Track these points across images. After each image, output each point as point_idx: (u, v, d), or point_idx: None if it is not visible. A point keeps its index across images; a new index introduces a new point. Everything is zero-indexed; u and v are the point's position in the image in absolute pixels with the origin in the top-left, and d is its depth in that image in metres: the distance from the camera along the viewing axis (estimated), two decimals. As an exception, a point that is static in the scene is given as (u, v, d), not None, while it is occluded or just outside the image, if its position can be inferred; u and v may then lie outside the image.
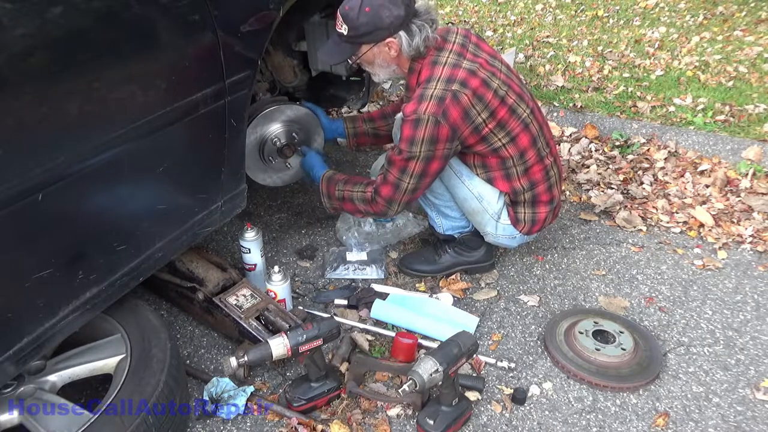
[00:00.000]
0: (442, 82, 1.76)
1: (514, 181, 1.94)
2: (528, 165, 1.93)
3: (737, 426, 1.63)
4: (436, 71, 1.78)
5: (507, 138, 1.86)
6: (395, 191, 1.88)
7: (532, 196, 1.98)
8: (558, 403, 1.70)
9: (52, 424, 1.35)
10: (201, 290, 1.86)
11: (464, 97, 1.74)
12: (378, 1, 1.71)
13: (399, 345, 1.80)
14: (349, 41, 1.80)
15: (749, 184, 2.66)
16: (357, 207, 1.98)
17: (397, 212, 1.95)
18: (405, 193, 1.87)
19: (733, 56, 3.91)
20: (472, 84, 1.76)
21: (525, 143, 1.89)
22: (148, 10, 1.36)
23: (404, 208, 1.96)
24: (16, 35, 1.11)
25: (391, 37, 1.76)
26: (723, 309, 2.04)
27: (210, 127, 1.63)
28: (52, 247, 1.29)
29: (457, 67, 1.78)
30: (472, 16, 5.18)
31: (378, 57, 1.84)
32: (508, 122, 1.84)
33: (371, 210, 1.96)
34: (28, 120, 1.16)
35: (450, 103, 1.73)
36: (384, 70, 1.90)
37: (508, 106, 1.84)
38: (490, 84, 1.80)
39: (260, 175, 2.19)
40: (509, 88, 1.86)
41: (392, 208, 1.93)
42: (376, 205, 1.93)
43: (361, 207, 1.98)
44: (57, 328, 1.34)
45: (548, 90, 3.57)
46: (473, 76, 1.77)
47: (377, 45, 1.79)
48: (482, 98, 1.77)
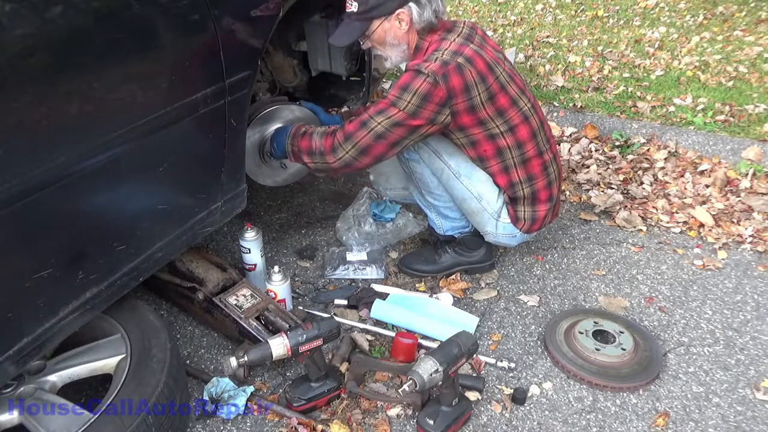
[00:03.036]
0: (449, 53, 1.75)
1: (512, 172, 1.93)
2: (526, 157, 1.92)
3: (737, 426, 1.63)
4: (444, 44, 1.79)
5: (505, 126, 1.85)
6: (360, 129, 1.77)
7: (530, 192, 1.97)
8: (558, 403, 1.70)
9: (52, 424, 1.35)
10: (201, 290, 1.86)
11: (467, 72, 1.74)
12: None
13: (399, 345, 1.80)
14: (360, 18, 1.79)
15: (749, 184, 2.66)
16: (313, 143, 1.85)
17: (344, 158, 1.80)
18: (369, 134, 1.76)
19: (733, 56, 3.91)
20: (477, 63, 1.76)
21: (524, 135, 1.89)
22: (148, 10, 1.36)
23: (354, 159, 1.81)
24: (16, 35, 1.11)
25: (401, 8, 1.76)
26: (723, 309, 2.04)
27: (210, 127, 1.63)
28: (52, 247, 1.29)
29: (465, 45, 1.78)
30: (472, 16, 5.18)
31: (389, 34, 1.82)
32: (508, 111, 1.84)
33: (324, 146, 1.82)
34: (28, 120, 1.16)
35: (453, 69, 1.72)
36: (395, 49, 1.87)
37: (510, 96, 1.84)
38: (493, 69, 1.80)
39: (259, 174, 2.19)
40: (512, 80, 1.87)
41: (344, 148, 1.79)
42: (329, 140, 1.82)
43: (317, 142, 1.84)
44: (57, 328, 1.34)
45: (548, 90, 3.57)
46: (479, 57, 1.77)
47: (388, 19, 1.78)
48: (485, 79, 1.77)
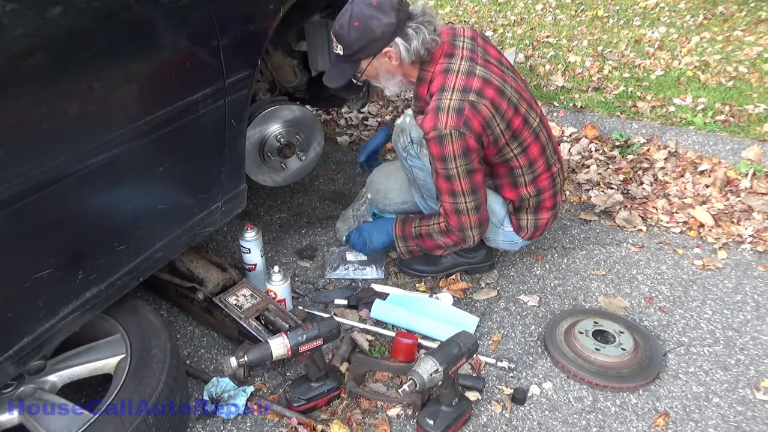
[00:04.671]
0: (458, 92, 1.70)
1: (521, 188, 1.93)
2: (536, 174, 1.91)
3: (737, 426, 1.63)
4: (449, 80, 1.72)
5: (519, 149, 1.84)
6: (459, 216, 1.84)
7: (536, 202, 1.97)
8: (558, 403, 1.70)
9: (52, 424, 1.35)
10: (201, 290, 1.86)
11: (483, 108, 1.70)
12: (365, 12, 1.66)
13: (399, 345, 1.80)
14: (347, 60, 1.76)
15: (749, 184, 2.66)
16: (436, 241, 1.94)
17: (476, 238, 1.90)
18: (469, 213, 1.83)
19: (733, 56, 3.91)
20: (488, 94, 1.71)
21: (535, 153, 1.87)
22: (148, 10, 1.36)
23: (481, 231, 1.90)
24: (16, 35, 1.11)
25: (387, 46, 1.71)
26: (723, 309, 2.04)
27: (210, 127, 1.63)
28: (52, 247, 1.29)
29: (472, 75, 1.72)
30: (472, 16, 5.17)
31: (381, 69, 1.79)
32: (522, 132, 1.82)
33: (450, 241, 1.92)
34: (28, 120, 1.16)
35: (470, 113, 1.68)
36: (391, 81, 1.83)
37: (522, 116, 1.81)
38: (504, 92, 1.75)
39: (259, 174, 2.19)
40: (520, 96, 1.83)
41: (468, 234, 1.88)
42: (452, 235, 1.90)
43: (440, 240, 1.93)
44: (57, 328, 1.34)
45: (548, 90, 3.57)
46: (488, 84, 1.72)
47: (376, 57, 1.74)
48: (499, 108, 1.73)
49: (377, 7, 1.66)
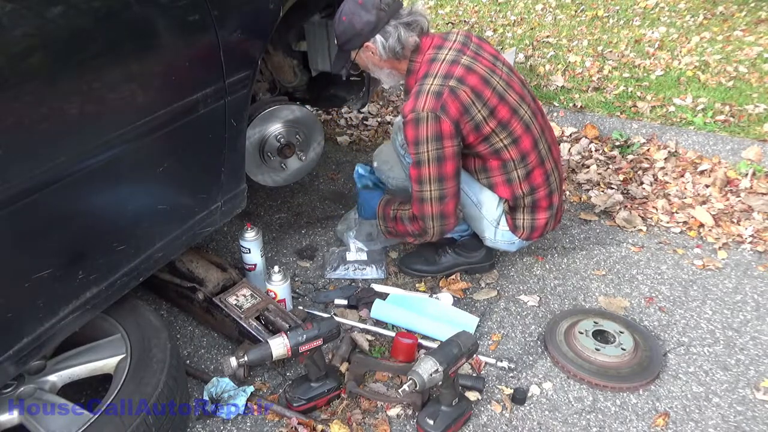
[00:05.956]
0: (439, 78, 1.77)
1: (515, 186, 1.93)
2: (529, 168, 1.92)
3: (737, 426, 1.63)
4: (433, 68, 1.80)
5: (509, 139, 1.85)
6: (422, 204, 1.86)
7: (531, 201, 1.97)
8: (558, 403, 1.70)
9: (52, 424, 1.35)
10: (201, 290, 1.86)
11: (462, 93, 1.75)
12: (351, 9, 1.79)
13: (399, 345, 1.80)
14: (341, 50, 1.90)
15: (749, 184, 2.66)
16: (406, 227, 1.97)
17: (436, 230, 1.89)
18: (432, 203, 1.84)
19: (733, 56, 3.91)
20: (470, 81, 1.77)
21: (527, 146, 1.89)
22: (148, 10, 1.36)
23: (443, 224, 1.89)
24: (16, 35, 1.11)
25: (367, 41, 1.81)
26: (723, 309, 2.04)
27: (210, 127, 1.63)
28: (52, 247, 1.29)
29: (455, 64, 1.79)
30: (472, 16, 5.17)
31: (368, 62, 1.91)
32: (510, 122, 1.84)
33: (415, 229, 1.94)
34: (28, 120, 1.16)
35: (448, 98, 1.74)
36: (381, 73, 1.94)
37: (510, 106, 1.83)
38: (489, 81, 1.80)
39: (259, 174, 2.19)
40: (510, 87, 1.86)
41: (428, 224, 1.89)
42: (417, 224, 1.92)
43: (408, 227, 1.96)
44: (57, 328, 1.34)
45: (548, 90, 3.57)
46: (471, 72, 1.78)
47: (361, 50, 1.86)
48: (480, 95, 1.78)
49: (361, 6, 1.79)
